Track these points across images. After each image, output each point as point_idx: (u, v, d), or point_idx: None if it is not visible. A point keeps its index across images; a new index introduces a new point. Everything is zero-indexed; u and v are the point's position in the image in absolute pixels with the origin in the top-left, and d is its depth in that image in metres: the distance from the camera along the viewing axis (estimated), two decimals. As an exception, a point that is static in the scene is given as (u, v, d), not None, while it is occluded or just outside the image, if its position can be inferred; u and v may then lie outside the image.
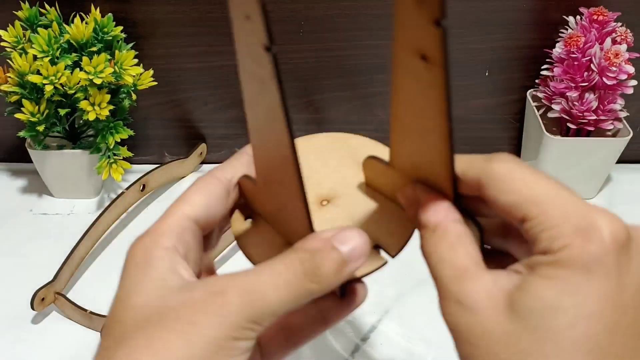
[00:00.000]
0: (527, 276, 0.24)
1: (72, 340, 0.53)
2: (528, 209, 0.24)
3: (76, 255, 0.57)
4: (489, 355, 0.23)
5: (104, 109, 0.60)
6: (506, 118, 0.73)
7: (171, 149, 0.75)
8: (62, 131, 0.65)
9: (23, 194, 0.71)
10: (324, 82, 0.70)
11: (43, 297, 0.54)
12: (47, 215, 0.68)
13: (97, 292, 0.57)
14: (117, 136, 0.63)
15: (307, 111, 0.72)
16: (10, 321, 0.55)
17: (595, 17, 0.61)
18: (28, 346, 0.53)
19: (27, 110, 0.60)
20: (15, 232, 0.65)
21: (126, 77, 0.60)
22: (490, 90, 0.71)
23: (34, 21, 0.61)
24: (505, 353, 0.23)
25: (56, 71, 0.58)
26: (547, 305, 0.22)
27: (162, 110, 0.72)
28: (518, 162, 0.26)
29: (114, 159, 0.64)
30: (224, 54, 0.68)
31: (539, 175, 0.25)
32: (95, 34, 0.61)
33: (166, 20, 0.66)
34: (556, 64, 0.63)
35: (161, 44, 0.67)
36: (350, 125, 0.73)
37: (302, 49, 0.68)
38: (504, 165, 0.26)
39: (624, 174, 0.73)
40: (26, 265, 0.61)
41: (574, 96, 0.62)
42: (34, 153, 0.65)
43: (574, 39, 0.61)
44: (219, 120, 0.73)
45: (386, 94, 0.71)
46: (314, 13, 0.65)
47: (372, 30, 0.66)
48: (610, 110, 0.62)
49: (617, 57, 0.59)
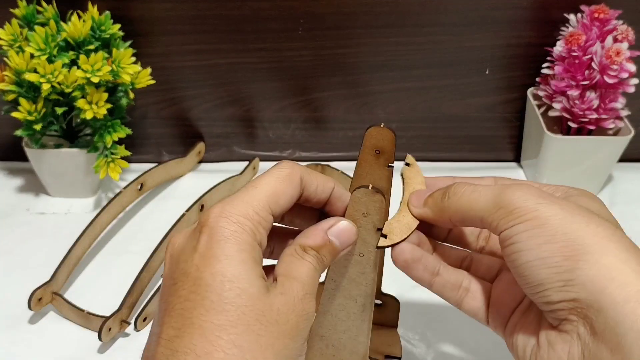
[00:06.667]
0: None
1: (70, 340, 0.53)
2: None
3: (73, 254, 0.57)
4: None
5: (102, 108, 0.60)
6: (506, 117, 0.73)
7: (169, 147, 0.75)
8: (60, 130, 0.65)
9: (20, 193, 0.71)
10: (322, 81, 0.70)
11: (40, 297, 0.53)
12: (44, 214, 0.67)
13: (95, 292, 0.57)
14: (115, 135, 0.63)
15: (306, 110, 0.72)
16: (7, 321, 0.54)
17: (597, 15, 0.61)
18: (25, 346, 0.52)
19: (24, 108, 0.60)
20: (12, 232, 0.65)
21: (124, 75, 0.60)
22: (490, 89, 0.71)
23: (31, 19, 0.61)
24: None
25: (53, 69, 0.58)
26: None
27: (159, 108, 0.72)
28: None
29: (111, 158, 0.63)
30: (222, 51, 0.68)
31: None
32: (92, 32, 0.61)
33: (164, 18, 0.65)
34: (557, 62, 0.63)
35: (159, 41, 0.67)
36: (349, 123, 0.73)
37: (300, 47, 0.67)
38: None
39: (625, 172, 0.72)
40: (23, 265, 0.60)
41: (575, 95, 0.62)
42: (31, 152, 0.65)
43: (574, 37, 0.60)
44: (217, 118, 0.73)
45: (385, 93, 0.71)
46: (312, 11, 0.65)
47: (371, 28, 0.66)
48: (612, 108, 0.62)
49: (618, 55, 0.59)
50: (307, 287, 0.30)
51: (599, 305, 0.27)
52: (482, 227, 0.33)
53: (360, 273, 0.36)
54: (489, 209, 0.31)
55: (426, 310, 0.54)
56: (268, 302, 0.28)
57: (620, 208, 0.66)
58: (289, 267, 0.30)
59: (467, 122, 0.73)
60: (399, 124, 0.73)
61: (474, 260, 0.37)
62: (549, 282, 0.28)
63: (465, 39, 0.67)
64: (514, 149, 0.75)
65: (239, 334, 0.26)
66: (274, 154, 0.76)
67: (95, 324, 0.52)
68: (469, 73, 0.69)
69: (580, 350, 0.28)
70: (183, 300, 0.27)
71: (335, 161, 0.73)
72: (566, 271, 0.28)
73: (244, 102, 0.72)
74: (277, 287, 0.29)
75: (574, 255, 0.28)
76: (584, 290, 0.27)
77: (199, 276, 0.27)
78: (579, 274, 0.28)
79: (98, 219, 0.60)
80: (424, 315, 0.54)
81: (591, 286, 0.27)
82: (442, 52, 0.68)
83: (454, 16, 0.65)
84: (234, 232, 0.28)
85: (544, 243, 0.29)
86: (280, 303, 0.28)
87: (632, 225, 0.33)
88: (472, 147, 0.75)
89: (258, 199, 0.30)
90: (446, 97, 0.71)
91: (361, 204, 0.33)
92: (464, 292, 0.36)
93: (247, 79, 0.70)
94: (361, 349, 0.39)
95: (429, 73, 0.69)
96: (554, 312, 0.29)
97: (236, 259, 0.28)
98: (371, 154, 0.37)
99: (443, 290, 0.36)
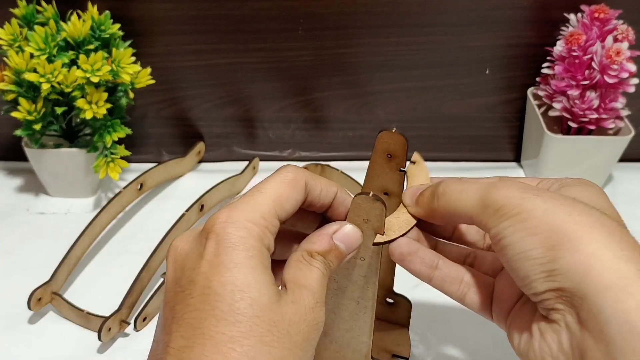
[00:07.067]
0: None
1: (69, 340, 0.53)
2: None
3: (73, 254, 0.57)
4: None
5: (101, 108, 0.60)
6: (506, 117, 0.73)
7: (169, 147, 0.75)
8: (59, 130, 0.65)
9: (19, 193, 0.70)
10: (322, 81, 0.70)
11: (40, 297, 0.53)
12: (44, 214, 0.67)
13: (94, 292, 0.57)
14: (115, 135, 0.63)
15: (306, 110, 0.72)
16: (7, 321, 0.54)
17: (597, 15, 0.61)
18: (25, 346, 0.52)
19: (23, 108, 0.60)
20: (11, 232, 0.65)
21: (123, 75, 0.60)
22: (490, 89, 0.71)
23: (30, 19, 0.61)
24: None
25: (53, 69, 0.57)
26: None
27: (159, 108, 0.72)
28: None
29: (111, 158, 0.63)
30: (222, 51, 0.68)
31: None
32: (92, 31, 0.61)
33: (164, 17, 0.65)
34: (557, 62, 0.63)
35: (159, 41, 0.67)
36: (349, 124, 0.73)
37: (300, 47, 0.67)
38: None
39: (625, 172, 0.72)
40: (23, 265, 0.60)
41: (575, 94, 0.62)
42: (31, 152, 0.65)
43: (575, 37, 0.60)
44: (217, 118, 0.73)
45: (385, 93, 0.71)
46: (312, 11, 0.65)
47: (372, 28, 0.66)
48: (612, 108, 0.62)
49: (618, 55, 0.59)
50: (317, 295, 0.30)
51: (582, 293, 0.27)
52: (474, 224, 0.33)
53: (361, 276, 0.36)
54: (476, 209, 0.31)
55: (426, 310, 0.54)
56: (280, 311, 0.27)
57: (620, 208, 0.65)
58: (298, 273, 0.30)
59: (467, 122, 0.73)
60: (399, 124, 0.73)
61: (478, 257, 0.38)
62: (534, 273, 0.29)
63: (465, 39, 0.67)
64: (514, 149, 0.75)
65: (252, 346, 0.26)
66: (273, 153, 0.76)
67: (94, 324, 0.52)
68: (469, 73, 0.69)
69: (568, 339, 0.28)
70: (192, 309, 0.27)
71: (335, 161, 0.73)
72: (549, 261, 0.28)
73: (244, 102, 0.72)
74: (288, 295, 0.29)
75: (556, 245, 0.28)
76: (567, 279, 0.27)
77: (207, 285, 0.27)
78: (561, 264, 0.28)
79: (98, 219, 0.60)
80: (424, 315, 0.54)
81: (573, 274, 0.27)
82: (442, 52, 0.68)
83: (454, 16, 0.65)
84: (241, 238, 0.28)
85: (527, 236, 0.29)
86: (291, 312, 0.28)
87: (632, 225, 0.33)
88: (472, 147, 0.75)
89: (264, 204, 0.29)
90: (446, 97, 0.71)
91: (362, 210, 0.33)
92: (466, 287, 0.36)
93: (247, 79, 0.70)
94: (364, 348, 0.40)
95: (429, 73, 0.69)
96: (542, 303, 0.29)
97: (246, 266, 0.27)
98: (382, 157, 0.38)
99: (443, 285, 0.36)
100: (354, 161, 0.75)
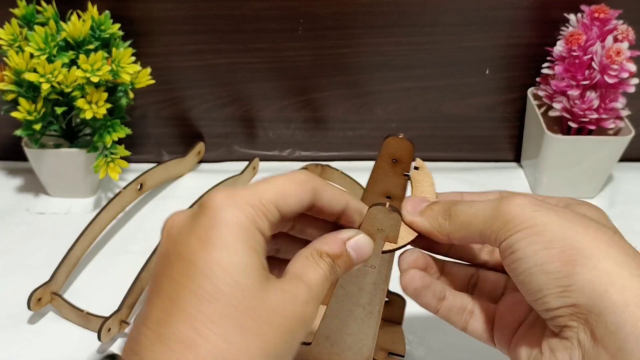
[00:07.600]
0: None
1: (69, 340, 0.53)
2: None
3: (73, 255, 0.57)
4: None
5: (101, 108, 0.60)
6: (507, 117, 0.73)
7: (169, 147, 0.75)
8: (59, 130, 0.65)
9: (19, 193, 0.70)
10: (322, 81, 0.70)
11: (40, 297, 0.53)
12: (44, 214, 0.67)
13: (94, 292, 0.57)
14: (115, 135, 0.63)
15: (306, 110, 0.72)
16: (7, 321, 0.54)
17: (597, 15, 0.61)
18: (24, 346, 0.52)
19: (23, 108, 0.60)
20: (11, 232, 0.65)
21: (123, 75, 0.60)
22: (490, 89, 0.71)
23: (30, 19, 0.61)
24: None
25: (53, 69, 0.57)
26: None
27: (159, 108, 0.72)
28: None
29: (111, 158, 0.63)
30: (222, 51, 0.68)
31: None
32: (92, 31, 0.61)
33: (164, 17, 0.65)
34: (557, 62, 0.63)
35: (159, 41, 0.67)
36: (349, 123, 0.73)
37: (300, 47, 0.67)
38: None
39: (625, 172, 0.72)
40: (22, 265, 0.60)
41: (575, 94, 0.62)
42: (31, 152, 0.65)
43: (575, 37, 0.60)
44: (217, 118, 0.73)
45: (385, 93, 0.71)
46: (312, 11, 0.65)
47: (372, 28, 0.66)
48: (612, 108, 0.62)
49: (618, 55, 0.59)
50: (314, 292, 0.29)
51: (599, 310, 0.27)
52: (481, 242, 0.33)
53: (371, 284, 0.36)
54: (487, 222, 0.31)
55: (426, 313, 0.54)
56: (261, 297, 0.27)
57: (620, 208, 0.66)
58: (301, 268, 0.30)
59: (467, 122, 0.73)
60: (399, 124, 0.73)
61: (480, 278, 0.38)
62: (548, 288, 0.29)
63: (465, 39, 0.67)
64: (514, 149, 0.75)
65: (229, 329, 0.26)
66: (273, 153, 0.76)
67: (94, 324, 0.52)
68: (469, 73, 0.69)
69: (580, 356, 0.28)
70: (174, 283, 0.26)
71: (335, 161, 0.73)
72: (565, 276, 0.28)
73: (244, 102, 0.72)
74: (280, 284, 0.28)
75: (572, 261, 0.28)
76: (582, 295, 0.27)
77: (193, 260, 0.26)
78: (577, 279, 0.28)
79: (98, 219, 0.60)
80: (424, 316, 0.53)
81: (590, 291, 0.27)
82: (442, 52, 0.68)
83: (454, 16, 0.65)
84: (235, 217, 0.27)
85: (542, 249, 0.29)
86: (276, 300, 0.27)
87: (632, 225, 0.33)
88: (472, 147, 0.75)
89: (266, 192, 0.29)
90: (446, 97, 0.71)
91: (377, 221, 0.33)
92: (468, 315, 0.36)
93: (247, 79, 0.70)
94: (366, 351, 0.40)
95: (429, 73, 0.69)
96: (554, 319, 0.29)
97: (233, 246, 0.27)
98: (387, 162, 0.38)
99: (449, 315, 0.36)
100: (354, 161, 0.75)
